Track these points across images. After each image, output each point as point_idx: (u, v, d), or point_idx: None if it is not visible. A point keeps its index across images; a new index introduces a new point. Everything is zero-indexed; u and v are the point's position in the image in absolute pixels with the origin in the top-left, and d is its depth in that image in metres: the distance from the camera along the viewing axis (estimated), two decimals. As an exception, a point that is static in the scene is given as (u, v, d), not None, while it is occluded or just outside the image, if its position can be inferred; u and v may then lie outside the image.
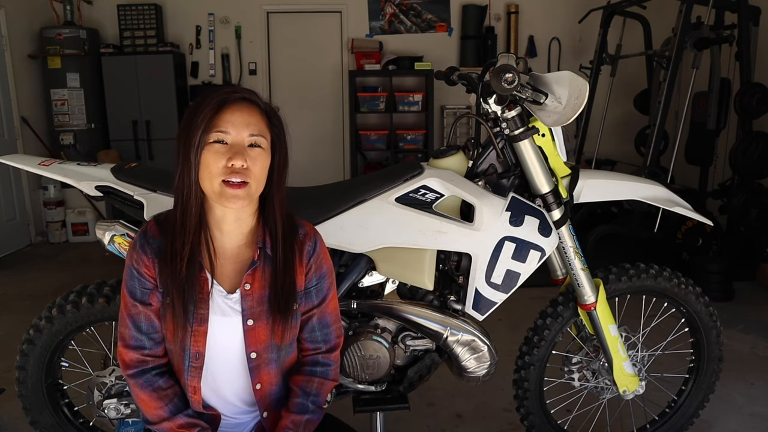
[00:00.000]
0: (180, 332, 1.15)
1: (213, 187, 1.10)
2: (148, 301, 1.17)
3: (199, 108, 1.10)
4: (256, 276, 1.18)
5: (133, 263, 1.16)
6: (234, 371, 1.21)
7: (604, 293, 1.75)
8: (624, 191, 1.73)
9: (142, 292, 1.16)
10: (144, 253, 1.15)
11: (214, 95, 1.11)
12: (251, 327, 1.18)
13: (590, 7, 4.99)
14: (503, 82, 1.41)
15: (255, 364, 1.20)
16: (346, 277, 1.60)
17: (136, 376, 1.18)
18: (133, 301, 1.16)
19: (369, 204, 1.57)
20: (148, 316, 1.17)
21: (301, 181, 1.90)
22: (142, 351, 1.18)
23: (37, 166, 1.68)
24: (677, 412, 2.00)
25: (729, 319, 3.20)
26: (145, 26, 5.62)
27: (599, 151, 5.09)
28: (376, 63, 5.73)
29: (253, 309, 1.18)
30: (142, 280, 1.16)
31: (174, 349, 1.18)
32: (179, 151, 1.12)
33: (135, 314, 1.17)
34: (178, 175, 1.12)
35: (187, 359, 1.17)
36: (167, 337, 1.18)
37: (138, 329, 1.17)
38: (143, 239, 1.16)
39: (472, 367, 1.61)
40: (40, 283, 4.06)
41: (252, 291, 1.18)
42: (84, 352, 1.80)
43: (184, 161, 1.10)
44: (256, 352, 1.19)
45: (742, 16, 3.92)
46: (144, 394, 1.18)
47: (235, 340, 1.19)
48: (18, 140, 5.13)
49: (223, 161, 1.08)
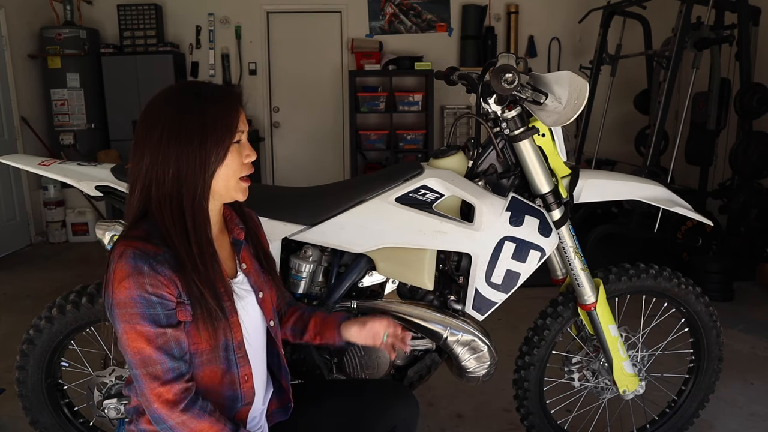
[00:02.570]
0: (219, 332, 1.11)
1: (229, 184, 1.12)
2: (176, 322, 1.07)
3: (210, 110, 1.07)
4: (245, 255, 1.25)
5: (147, 290, 1.03)
6: (262, 346, 1.27)
7: (604, 293, 1.75)
8: (624, 191, 1.73)
9: (167, 315, 1.05)
10: (157, 273, 1.04)
11: (223, 95, 1.10)
12: (263, 299, 1.25)
13: (590, 7, 5.00)
14: (503, 82, 1.41)
15: (275, 332, 1.29)
16: (346, 277, 1.60)
17: (190, 408, 1.06)
18: (161, 330, 1.04)
19: (369, 204, 1.57)
20: (178, 338, 1.07)
21: (301, 181, 1.90)
22: (183, 378, 1.07)
23: (37, 166, 1.68)
24: (677, 412, 2.00)
25: (729, 319, 3.20)
26: (145, 26, 5.63)
27: (599, 151, 5.09)
28: (376, 63, 5.73)
29: (258, 282, 1.25)
30: (164, 302, 1.05)
31: (211, 356, 1.12)
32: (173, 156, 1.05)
33: (164, 343, 1.05)
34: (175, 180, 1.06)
35: (233, 353, 1.14)
36: (202, 349, 1.10)
37: (172, 357, 1.05)
38: (148, 261, 1.03)
39: (472, 367, 1.61)
40: (40, 283, 4.06)
41: (249, 268, 1.25)
42: (84, 352, 1.80)
43: (193, 164, 1.06)
44: (272, 320, 1.28)
45: (742, 16, 3.92)
46: (203, 423, 1.07)
47: (257, 317, 1.24)
48: (18, 140, 5.13)
49: (242, 159, 1.13)
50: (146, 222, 1.08)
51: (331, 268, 1.64)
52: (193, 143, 1.06)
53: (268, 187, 2.08)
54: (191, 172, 1.06)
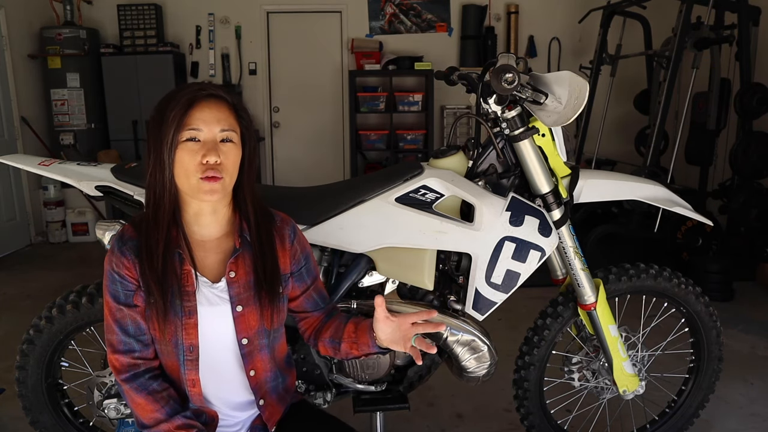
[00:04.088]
0: (169, 328, 1.15)
1: (189, 183, 1.12)
2: (133, 303, 1.16)
3: (168, 106, 1.11)
4: (239, 263, 1.21)
5: (113, 267, 1.16)
6: (228, 360, 1.23)
7: (604, 293, 1.75)
8: (624, 191, 1.73)
9: (126, 295, 1.16)
10: (123, 255, 1.15)
11: (181, 93, 1.12)
12: (241, 313, 1.20)
13: (590, 7, 5.00)
14: (503, 82, 1.41)
15: (247, 350, 1.22)
16: (346, 277, 1.60)
17: (130, 381, 1.17)
18: (118, 305, 1.16)
19: (369, 204, 1.57)
20: (134, 318, 1.17)
21: (301, 181, 1.90)
22: (132, 354, 1.18)
23: (37, 166, 1.68)
24: (677, 412, 2.00)
25: (729, 319, 3.20)
26: (145, 26, 5.63)
27: (599, 151, 5.09)
28: (376, 63, 5.73)
29: (241, 295, 1.20)
30: (124, 282, 1.16)
31: (165, 348, 1.18)
32: (150, 149, 1.13)
33: (120, 318, 1.17)
34: (150, 173, 1.14)
35: (182, 353, 1.18)
36: (156, 337, 1.17)
37: (126, 333, 1.17)
38: (120, 242, 1.17)
39: (472, 367, 1.61)
40: (40, 283, 4.06)
41: (237, 278, 1.21)
42: (84, 352, 1.80)
43: (156, 159, 1.12)
44: (247, 338, 1.21)
45: (742, 16, 3.92)
46: (139, 397, 1.17)
47: (226, 329, 1.21)
48: (18, 140, 5.12)
49: (198, 158, 1.11)
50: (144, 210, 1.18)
51: (331, 268, 1.64)
52: (153, 140, 1.13)
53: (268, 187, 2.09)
54: (155, 168, 1.13)
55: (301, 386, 1.66)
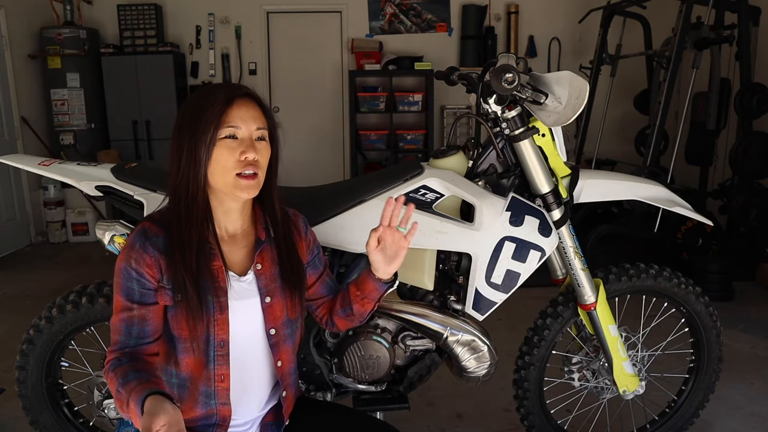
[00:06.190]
0: (200, 325, 1.14)
1: (226, 180, 1.13)
2: (148, 301, 1.14)
3: (204, 105, 1.12)
4: (264, 255, 1.24)
5: (131, 264, 1.13)
6: (257, 352, 1.25)
7: (604, 293, 1.75)
8: (624, 191, 1.73)
9: (141, 293, 1.13)
10: (145, 252, 1.13)
11: (217, 92, 1.14)
12: (269, 304, 1.23)
13: (590, 7, 5.00)
14: (503, 82, 1.41)
15: (275, 340, 1.25)
16: (346, 277, 1.60)
17: (110, 370, 1.11)
18: (130, 304, 1.13)
19: (369, 204, 1.57)
20: (143, 318, 1.14)
21: (301, 181, 1.90)
22: (123, 351, 1.14)
23: (37, 166, 1.68)
24: (677, 412, 2.00)
25: (729, 319, 3.20)
26: (145, 26, 5.63)
27: (599, 151, 5.09)
28: (376, 63, 5.73)
29: (269, 286, 1.23)
30: (142, 280, 1.13)
31: (192, 345, 1.16)
32: (181, 148, 1.13)
33: (128, 318, 1.14)
34: (181, 171, 1.14)
35: (212, 349, 1.17)
36: (182, 336, 1.15)
37: (129, 335, 1.14)
38: (143, 238, 1.14)
39: (472, 367, 1.61)
40: (40, 283, 4.06)
41: (264, 270, 1.23)
42: (84, 352, 1.80)
43: (190, 157, 1.12)
44: (274, 328, 1.24)
45: (742, 16, 3.92)
46: (108, 377, 1.10)
47: (255, 320, 1.23)
48: (18, 140, 5.13)
49: (236, 155, 1.13)
50: (168, 208, 1.19)
51: (332, 268, 1.64)
52: (188, 138, 1.13)
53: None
54: (188, 165, 1.13)
55: (301, 386, 1.66)
